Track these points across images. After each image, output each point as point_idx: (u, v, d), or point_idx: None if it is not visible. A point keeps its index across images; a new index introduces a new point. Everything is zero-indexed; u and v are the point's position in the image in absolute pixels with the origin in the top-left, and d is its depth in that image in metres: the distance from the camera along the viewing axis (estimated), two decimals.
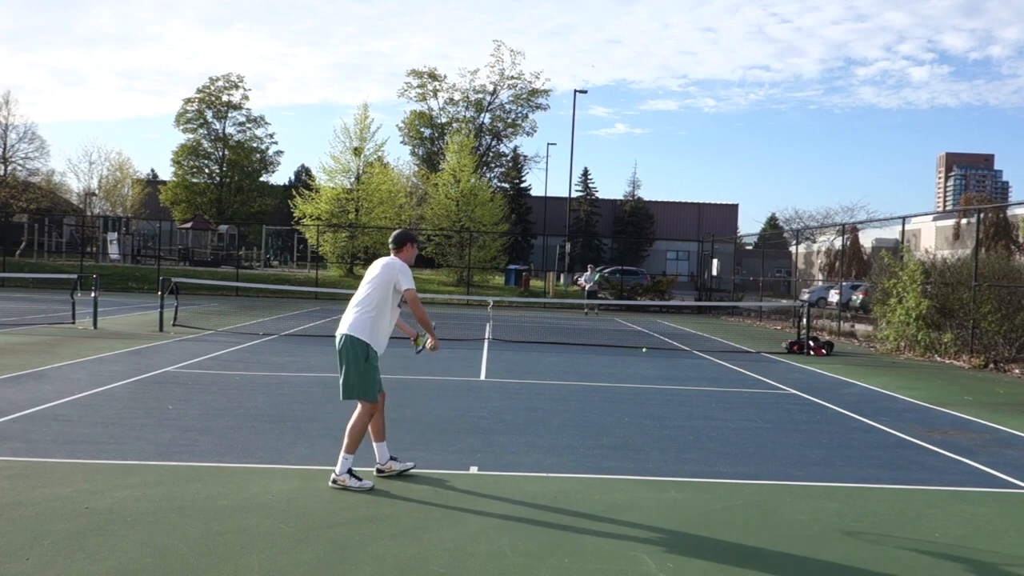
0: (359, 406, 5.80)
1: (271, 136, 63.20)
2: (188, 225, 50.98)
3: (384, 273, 5.89)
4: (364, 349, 5.76)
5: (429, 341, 6.11)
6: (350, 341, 5.77)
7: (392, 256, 6.07)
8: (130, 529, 4.66)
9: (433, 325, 6.08)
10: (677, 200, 71.50)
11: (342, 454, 5.73)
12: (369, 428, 5.91)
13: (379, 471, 6.02)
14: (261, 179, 62.65)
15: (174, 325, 17.13)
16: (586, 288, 30.78)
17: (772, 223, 73.62)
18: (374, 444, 6.05)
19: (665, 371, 13.22)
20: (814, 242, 50.71)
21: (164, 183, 61.81)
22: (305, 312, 24.33)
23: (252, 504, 5.22)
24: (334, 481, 5.70)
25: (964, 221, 46.09)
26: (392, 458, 6.09)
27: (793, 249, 39.58)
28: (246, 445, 6.87)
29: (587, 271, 31.65)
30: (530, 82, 60.30)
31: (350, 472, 5.70)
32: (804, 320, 17.78)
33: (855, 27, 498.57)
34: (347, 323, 5.84)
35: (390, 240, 6.19)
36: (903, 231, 21.07)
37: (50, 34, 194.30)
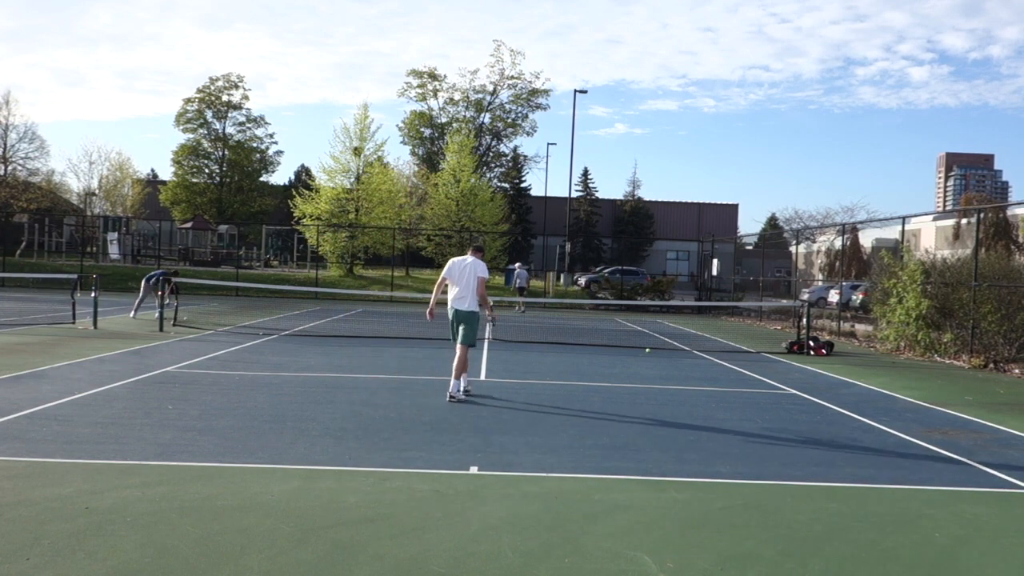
0: (463, 350, 9.50)
1: (271, 136, 63.32)
2: (188, 225, 50.99)
3: (478, 269, 9.70)
4: (478, 317, 9.74)
5: (488, 312, 10.68)
6: (473, 314, 9.63)
7: (472, 256, 9.84)
8: (130, 529, 4.67)
9: (491, 304, 10.53)
10: (677, 200, 71.56)
11: (456, 380, 9.49)
12: (455, 363, 9.57)
13: (452, 398, 9.39)
14: (261, 179, 62.69)
15: (174, 325, 17.14)
16: (515, 285, 31.01)
17: (772, 223, 73.64)
18: (462, 378, 9.62)
19: (665, 371, 13.22)
20: (814, 242, 50.71)
21: (164, 183, 61.84)
22: (305, 312, 24.34)
23: (252, 504, 5.22)
24: (452, 397, 9.38)
25: (964, 221, 46.10)
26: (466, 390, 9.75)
27: (793, 249, 39.58)
28: (246, 445, 6.87)
29: (516, 267, 31.85)
30: (530, 82, 60.38)
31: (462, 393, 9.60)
32: (804, 320, 17.78)
33: (854, 27, 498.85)
34: (467, 302, 9.59)
35: (474, 246, 10.11)
36: (903, 231, 21.06)
37: (50, 34, 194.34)
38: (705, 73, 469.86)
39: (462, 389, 9.59)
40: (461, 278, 9.66)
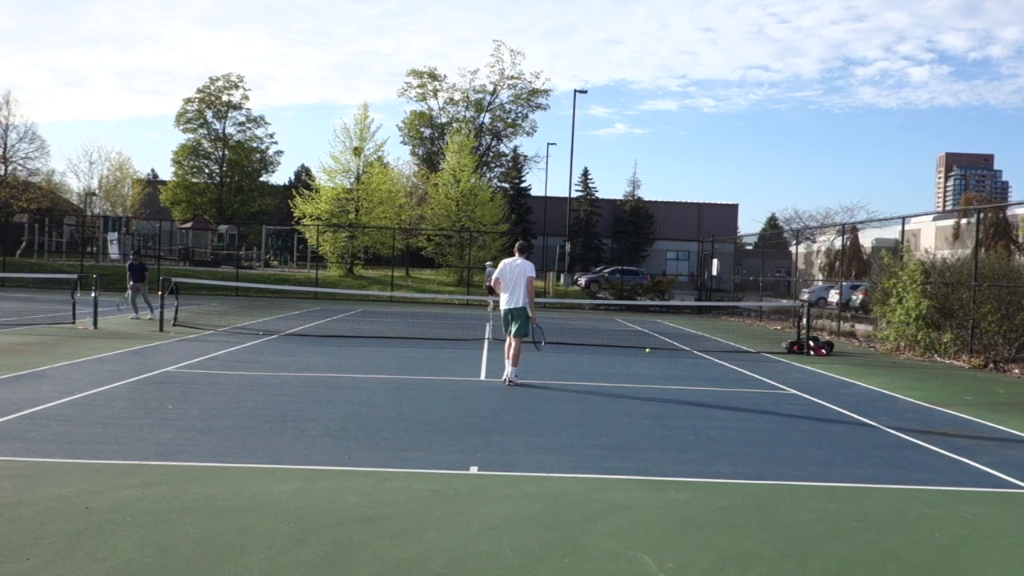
0: (517, 341, 10.74)
1: (271, 136, 63.27)
2: (188, 225, 51.00)
3: (527, 269, 10.83)
4: (525, 311, 10.83)
5: (532, 313, 10.80)
6: (523, 309, 10.80)
7: (520, 257, 10.91)
8: (130, 529, 4.67)
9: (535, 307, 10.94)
10: (677, 200, 71.57)
11: (513, 367, 10.75)
12: (510, 353, 10.80)
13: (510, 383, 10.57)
14: (261, 179, 62.66)
15: (174, 325, 17.13)
16: (486, 284, 30.93)
17: (772, 223, 73.60)
18: (510, 364, 10.78)
19: (665, 371, 13.22)
20: (814, 242, 50.72)
21: (164, 183, 61.83)
22: (305, 312, 24.34)
23: (252, 504, 5.22)
24: (511, 382, 10.62)
25: (964, 221, 46.10)
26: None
27: (793, 249, 39.58)
28: (246, 445, 6.87)
29: (488, 264, 31.65)
30: (530, 82, 60.34)
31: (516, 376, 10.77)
32: (804, 320, 17.78)
33: (854, 27, 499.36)
34: (517, 299, 10.79)
35: (519, 247, 11.15)
36: (903, 231, 21.06)
37: (50, 34, 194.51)
38: (705, 73, 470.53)
39: (515, 375, 10.79)
40: (511, 278, 10.82)
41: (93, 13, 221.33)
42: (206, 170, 60.66)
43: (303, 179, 55.91)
